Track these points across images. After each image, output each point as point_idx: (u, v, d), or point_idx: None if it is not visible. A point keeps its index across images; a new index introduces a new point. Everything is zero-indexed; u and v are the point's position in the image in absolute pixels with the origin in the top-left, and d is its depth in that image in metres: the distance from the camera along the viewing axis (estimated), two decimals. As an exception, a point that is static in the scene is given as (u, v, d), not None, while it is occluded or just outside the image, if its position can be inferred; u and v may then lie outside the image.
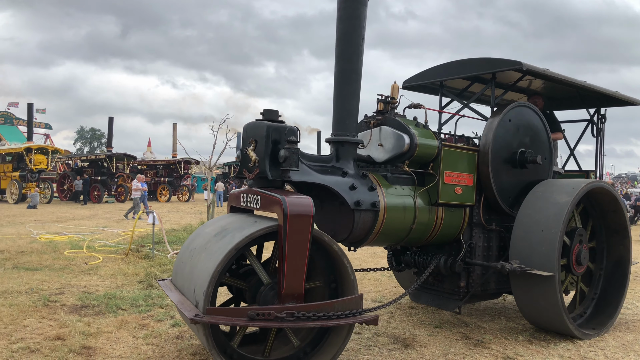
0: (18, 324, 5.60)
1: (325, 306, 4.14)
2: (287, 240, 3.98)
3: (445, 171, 5.53)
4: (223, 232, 4.28)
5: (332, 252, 4.37)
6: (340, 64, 5.04)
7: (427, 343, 5.51)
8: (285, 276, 4.02)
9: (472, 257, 5.89)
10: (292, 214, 3.99)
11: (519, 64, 5.74)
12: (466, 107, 6.47)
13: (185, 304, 4.03)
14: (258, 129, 4.51)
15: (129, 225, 16.59)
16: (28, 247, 11.20)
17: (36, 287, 7.31)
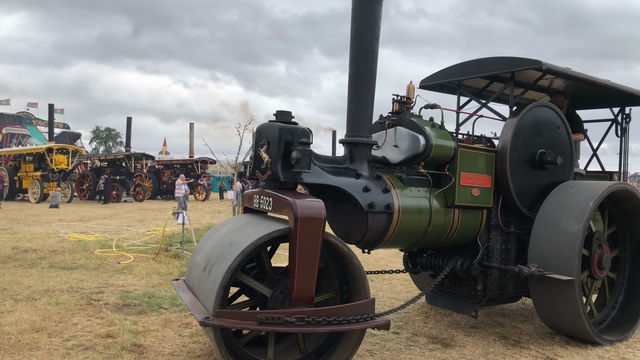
0: (67, 322, 5.73)
1: (335, 311, 4.09)
2: (298, 244, 3.94)
3: (461, 172, 5.44)
4: (234, 235, 4.26)
5: (343, 255, 4.32)
6: (355, 63, 4.98)
7: (466, 343, 5.57)
8: (296, 280, 3.98)
9: (489, 260, 5.78)
10: (303, 217, 3.94)
11: (539, 63, 5.61)
12: (484, 106, 6.35)
13: (196, 305, 4.03)
14: (270, 130, 4.48)
15: (151, 225, 16.81)
16: (59, 246, 11.37)
17: (76, 286, 7.47)
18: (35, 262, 9.42)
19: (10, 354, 4.64)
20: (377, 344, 5.42)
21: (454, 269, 5.67)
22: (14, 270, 8.53)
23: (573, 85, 6.92)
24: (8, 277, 7.92)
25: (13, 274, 8.19)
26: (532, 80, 6.58)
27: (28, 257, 9.84)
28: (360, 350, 5.06)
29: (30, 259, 9.65)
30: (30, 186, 28.71)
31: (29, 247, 10.98)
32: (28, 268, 8.79)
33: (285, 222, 4.19)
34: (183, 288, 4.46)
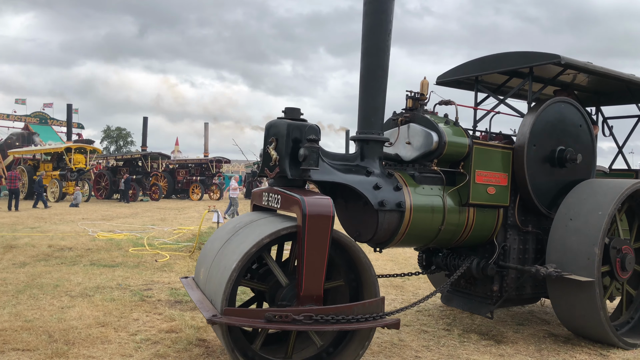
0: (127, 317, 5.88)
1: (344, 309, 4.03)
2: (306, 241, 3.90)
3: (476, 170, 5.31)
4: (242, 233, 4.24)
5: (353, 253, 4.26)
6: (366, 59, 4.90)
7: (517, 339, 5.67)
8: (304, 277, 3.94)
9: (506, 260, 5.64)
10: (311, 214, 3.90)
11: (557, 58, 5.44)
12: (502, 103, 6.20)
13: (204, 303, 4.02)
14: (279, 127, 4.44)
15: (173, 224, 16.96)
16: (92, 244, 11.57)
17: (123, 283, 7.64)
18: (75, 260, 9.62)
19: (85, 347, 4.82)
20: (431, 339, 5.53)
21: (469, 269, 5.55)
22: (58, 268, 8.73)
23: (597, 81, 6.71)
24: (55, 274, 8.15)
25: (58, 272, 8.39)
26: (552, 76, 6.40)
27: (67, 255, 10.08)
28: (417, 345, 5.31)
29: (70, 257, 9.87)
30: (49, 185, 29.20)
31: (64, 246, 11.20)
32: (70, 265, 9.02)
33: (293, 219, 4.15)
34: (192, 286, 4.46)
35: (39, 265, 8.97)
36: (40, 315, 5.81)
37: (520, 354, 5.18)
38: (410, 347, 5.24)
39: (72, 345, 4.82)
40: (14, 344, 4.81)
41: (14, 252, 10.20)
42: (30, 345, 4.79)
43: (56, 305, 6.25)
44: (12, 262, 9.11)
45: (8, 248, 10.63)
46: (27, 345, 4.79)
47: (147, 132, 39.30)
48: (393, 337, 5.52)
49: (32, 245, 10.99)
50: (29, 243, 11.30)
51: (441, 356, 5.04)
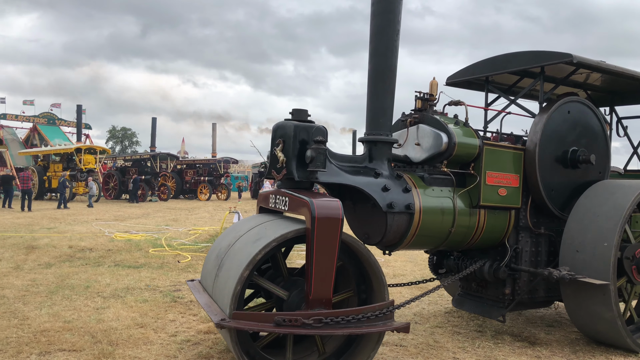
0: (164, 318, 5.92)
1: (353, 313, 3.97)
2: (315, 244, 3.84)
3: (487, 171, 5.23)
4: (250, 236, 4.19)
5: (361, 256, 4.20)
6: (374, 60, 4.85)
7: (550, 341, 5.67)
8: (313, 281, 3.89)
9: (518, 262, 5.54)
10: (320, 217, 3.84)
11: (569, 57, 5.35)
12: (513, 103, 6.11)
13: (212, 307, 3.97)
14: (285, 129, 4.40)
15: (186, 224, 16.99)
16: (112, 245, 11.65)
17: (151, 284, 7.70)
18: (98, 260, 9.72)
19: (129, 348, 4.87)
20: (465, 341, 5.55)
21: (481, 272, 5.46)
22: (84, 269, 8.83)
23: (611, 80, 6.60)
24: (82, 275, 8.24)
25: (85, 272, 8.48)
26: (563, 76, 6.29)
27: (89, 256, 10.18)
28: (452, 347, 5.32)
29: (93, 258, 9.96)
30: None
31: (84, 246, 11.28)
32: (95, 267, 9.12)
33: (301, 222, 4.11)
34: (198, 289, 4.42)
35: (64, 266, 9.07)
36: (77, 316, 5.88)
37: (556, 356, 5.17)
38: (446, 349, 5.26)
39: (117, 346, 4.89)
40: (59, 345, 4.89)
41: (36, 252, 10.31)
42: (76, 346, 4.85)
43: (91, 306, 6.33)
44: (37, 263, 9.22)
45: (30, 249, 10.76)
46: (73, 346, 4.86)
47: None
48: (428, 338, 5.56)
49: (53, 246, 11.09)
50: (49, 244, 11.42)
51: (478, 357, 5.06)
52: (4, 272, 8.34)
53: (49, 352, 4.69)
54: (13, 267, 8.79)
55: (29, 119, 46.51)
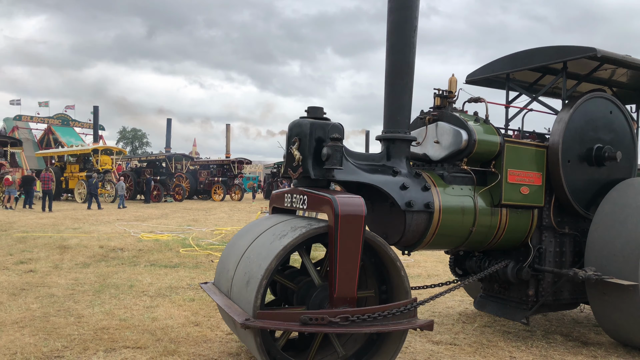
0: (215, 316, 5.94)
1: (379, 310, 3.89)
2: (339, 242, 3.77)
3: (508, 169, 5.10)
4: (269, 235, 4.12)
5: (383, 254, 4.12)
6: (392, 56, 4.77)
7: (601, 341, 5.59)
8: (337, 279, 3.81)
9: (541, 263, 5.39)
10: (344, 214, 3.77)
11: (593, 51, 5.20)
12: (535, 100, 5.97)
13: (232, 307, 3.86)
14: (301, 127, 4.33)
15: (207, 224, 17.08)
16: (142, 245, 11.72)
17: (192, 284, 7.76)
18: (132, 260, 9.83)
19: (191, 346, 4.92)
20: (518, 340, 5.52)
21: (504, 273, 5.32)
22: (122, 268, 8.94)
23: (637, 75, 6.41)
24: (122, 275, 8.35)
25: (123, 272, 8.59)
26: (587, 72, 6.13)
27: (122, 256, 10.30)
28: (506, 346, 5.30)
29: (126, 258, 10.07)
30: (76, 186, 29.67)
31: (115, 246, 11.35)
32: (132, 266, 9.23)
33: (320, 220, 4.04)
34: (214, 291, 4.35)
35: (100, 265, 9.22)
36: (130, 314, 5.97)
37: (612, 356, 5.08)
38: (501, 348, 5.24)
39: (179, 344, 4.93)
40: (122, 342, 4.95)
41: (70, 252, 10.46)
42: (139, 344, 4.91)
43: (140, 305, 6.40)
44: (74, 263, 9.39)
45: (63, 249, 10.91)
46: (136, 343, 4.91)
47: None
48: (480, 337, 5.53)
49: (84, 246, 11.22)
50: (79, 244, 11.55)
51: (535, 356, 5.02)
52: (46, 271, 8.53)
53: (113, 349, 4.76)
54: (52, 266, 8.97)
55: (44, 120, 47.32)
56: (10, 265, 8.99)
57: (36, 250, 10.55)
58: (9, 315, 5.80)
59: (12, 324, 5.48)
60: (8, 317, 5.72)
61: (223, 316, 4.51)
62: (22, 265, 9.02)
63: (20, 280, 7.75)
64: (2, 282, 7.54)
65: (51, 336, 5.08)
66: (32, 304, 6.31)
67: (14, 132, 43.15)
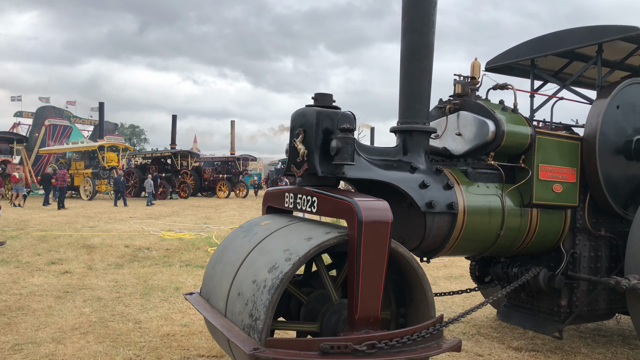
0: None
1: (408, 333, 3.30)
2: (362, 253, 3.17)
3: (540, 165, 4.52)
4: (275, 242, 3.51)
5: (407, 267, 3.53)
6: (408, 36, 4.19)
7: None
8: (360, 297, 3.21)
9: (575, 269, 4.82)
10: (368, 221, 3.17)
11: (635, 29, 4.62)
12: (565, 88, 5.38)
13: (233, 331, 3.21)
14: (307, 117, 3.75)
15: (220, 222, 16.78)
16: (167, 244, 11.48)
17: None
18: (165, 260, 9.61)
19: None
20: (599, 347, 5.37)
21: (535, 281, 4.74)
22: (158, 269, 8.76)
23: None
24: (162, 276, 8.20)
25: (161, 273, 8.45)
26: (621, 57, 5.54)
27: (153, 256, 10.07)
28: (591, 352, 5.15)
29: (158, 258, 9.85)
30: (82, 184, 29.17)
31: (141, 246, 11.14)
32: (167, 267, 8.99)
33: (333, 226, 3.46)
34: (205, 306, 3.72)
35: (134, 266, 9.02)
36: (190, 319, 5.80)
37: None
38: (587, 355, 5.08)
39: None
40: (196, 350, 4.82)
41: (97, 252, 10.26)
42: (212, 352, 4.76)
43: (194, 308, 6.04)
44: (106, 263, 9.18)
45: (87, 248, 10.67)
46: (210, 352, 4.76)
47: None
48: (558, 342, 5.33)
49: (109, 245, 10.97)
50: (103, 243, 11.29)
51: None
52: (81, 272, 8.37)
53: (188, 358, 4.63)
54: (86, 267, 8.79)
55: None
56: (43, 266, 8.80)
57: (62, 250, 10.32)
58: (65, 321, 5.69)
59: (72, 329, 5.39)
60: (65, 323, 5.62)
61: (213, 333, 3.90)
62: (54, 266, 8.83)
63: (60, 282, 7.61)
64: (42, 285, 7.40)
65: (118, 344, 4.97)
66: (84, 308, 6.19)
67: (14, 128, 42.56)
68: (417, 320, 3.64)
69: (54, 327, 5.46)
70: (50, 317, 5.81)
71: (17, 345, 4.89)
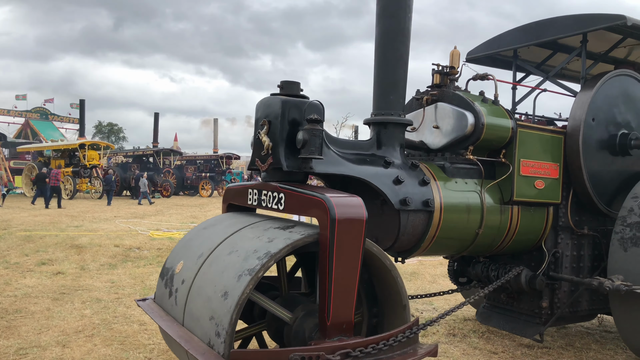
0: None
1: (383, 339, 3.05)
2: (335, 253, 2.90)
3: (522, 159, 4.30)
4: (240, 243, 3.20)
5: (381, 268, 3.27)
6: (383, 22, 3.92)
7: None
8: (332, 301, 2.95)
9: (557, 269, 4.61)
10: (342, 219, 2.90)
11: (622, 18, 4.40)
12: (548, 79, 5.17)
13: (192, 342, 2.92)
14: (271, 106, 3.46)
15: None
16: (159, 244, 11.25)
17: None
18: (158, 260, 9.38)
19: None
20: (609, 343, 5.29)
21: (516, 281, 4.52)
22: (153, 269, 8.57)
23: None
24: (157, 276, 7.97)
25: (157, 273, 8.10)
26: (605, 49, 5.34)
27: (145, 256, 9.87)
28: (601, 349, 5.09)
29: (152, 258, 9.65)
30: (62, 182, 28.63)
31: (131, 245, 10.88)
32: (161, 266, 8.93)
33: (301, 225, 3.18)
34: (159, 313, 3.40)
35: (128, 266, 8.82)
36: None
37: None
38: (598, 351, 5.03)
39: None
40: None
41: (87, 252, 9.96)
42: None
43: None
44: (99, 264, 8.94)
45: (76, 248, 10.33)
46: None
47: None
48: (567, 339, 5.33)
49: (98, 245, 10.66)
50: (92, 243, 10.96)
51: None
52: (74, 273, 8.13)
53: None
54: (78, 268, 8.53)
55: (22, 114, 45.54)
56: (33, 267, 8.50)
57: (51, 251, 9.99)
58: (67, 323, 5.50)
59: (76, 332, 5.22)
60: (67, 325, 5.43)
61: (169, 344, 3.59)
62: (44, 266, 8.55)
63: (54, 283, 7.38)
64: (36, 286, 7.14)
65: (127, 346, 4.82)
66: (84, 310, 6.01)
67: None
68: (392, 324, 3.39)
69: (57, 330, 5.29)
70: (50, 319, 5.62)
71: (22, 349, 4.71)
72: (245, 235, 3.27)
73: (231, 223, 3.51)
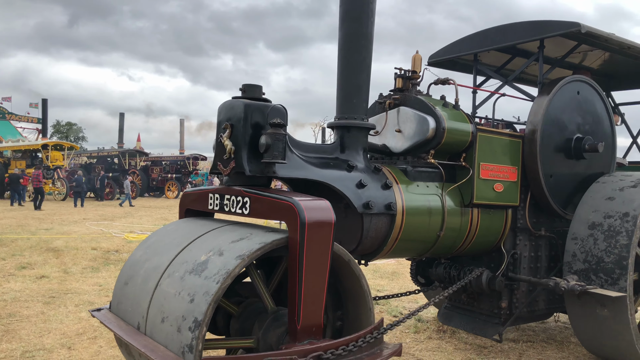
0: None
1: (352, 340, 3.07)
2: (305, 257, 2.90)
3: (481, 163, 4.38)
4: (206, 247, 3.13)
5: (346, 269, 3.28)
6: (346, 25, 3.93)
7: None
8: (302, 304, 2.94)
9: (516, 270, 4.72)
10: (311, 222, 2.90)
11: (577, 26, 4.53)
12: (507, 84, 5.28)
13: (157, 351, 2.81)
14: (234, 109, 3.42)
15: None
16: (135, 246, 10.69)
17: None
18: None
19: None
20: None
21: (478, 283, 4.61)
22: None
23: (610, 61, 5.85)
24: None
25: None
26: (562, 54, 5.49)
27: (125, 258, 9.62)
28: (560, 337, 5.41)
29: None
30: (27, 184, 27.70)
31: (108, 248, 10.75)
32: None
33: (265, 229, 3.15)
34: (117, 323, 3.29)
35: (111, 269, 8.72)
36: None
37: None
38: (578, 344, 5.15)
39: None
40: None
41: (65, 255, 9.78)
42: None
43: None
44: (80, 267, 8.79)
45: (53, 251, 10.13)
46: None
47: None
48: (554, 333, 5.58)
49: (75, 248, 10.49)
50: (67, 246, 10.75)
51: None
52: (58, 277, 8.00)
53: None
54: (61, 271, 8.39)
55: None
56: (14, 271, 8.31)
57: (27, 254, 9.79)
58: (65, 326, 5.48)
59: (77, 335, 5.20)
60: (66, 328, 5.41)
61: (127, 355, 3.47)
62: (25, 270, 8.38)
63: (40, 287, 7.26)
64: (23, 290, 7.01)
65: None
66: (79, 313, 5.97)
67: None
68: (358, 325, 3.40)
69: (57, 332, 5.27)
70: (47, 323, 5.59)
71: (28, 352, 4.69)
72: (210, 239, 3.21)
73: (194, 229, 3.44)
